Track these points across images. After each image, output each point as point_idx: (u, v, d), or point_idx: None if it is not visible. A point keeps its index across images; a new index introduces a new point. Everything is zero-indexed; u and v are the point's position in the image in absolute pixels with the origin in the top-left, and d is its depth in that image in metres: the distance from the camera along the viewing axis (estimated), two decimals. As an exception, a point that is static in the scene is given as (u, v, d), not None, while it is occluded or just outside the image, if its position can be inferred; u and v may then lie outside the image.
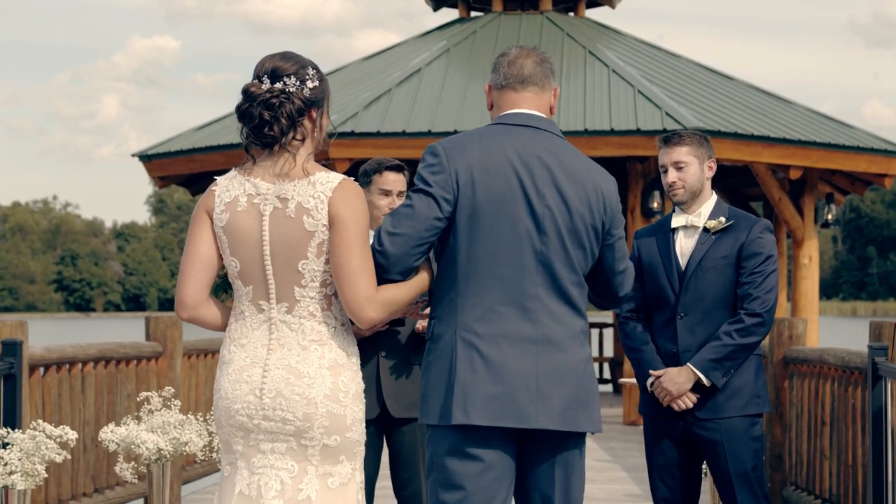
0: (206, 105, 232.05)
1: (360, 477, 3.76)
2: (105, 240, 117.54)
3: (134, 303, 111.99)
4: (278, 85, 3.70)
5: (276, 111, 3.69)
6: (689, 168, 5.03)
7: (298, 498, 3.65)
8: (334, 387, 3.66)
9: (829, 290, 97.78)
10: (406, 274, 3.77)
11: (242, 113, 3.73)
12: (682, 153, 5.03)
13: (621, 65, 15.87)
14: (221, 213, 3.74)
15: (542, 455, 3.82)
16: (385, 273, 3.74)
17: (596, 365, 19.01)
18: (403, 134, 14.08)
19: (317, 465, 3.67)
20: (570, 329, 3.81)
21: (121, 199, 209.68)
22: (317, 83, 3.76)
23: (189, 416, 6.45)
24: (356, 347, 3.79)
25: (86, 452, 7.42)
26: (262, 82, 3.72)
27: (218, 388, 3.78)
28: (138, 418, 6.41)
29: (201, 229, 3.79)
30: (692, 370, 4.88)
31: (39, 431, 5.61)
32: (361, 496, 3.77)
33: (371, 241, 3.75)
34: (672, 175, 5.03)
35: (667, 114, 14.12)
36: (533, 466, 3.84)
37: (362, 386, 3.76)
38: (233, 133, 15.49)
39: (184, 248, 3.82)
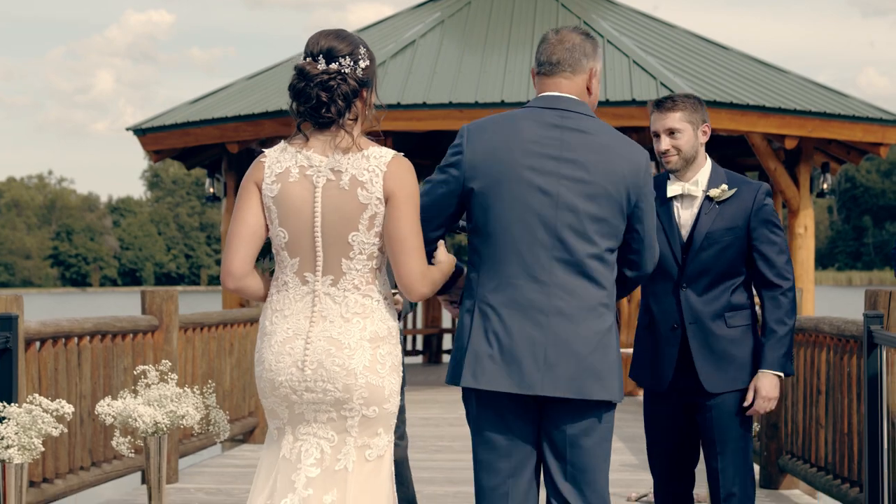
0: (201, 79, 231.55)
1: (391, 449, 3.87)
2: (100, 215, 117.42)
3: (130, 277, 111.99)
4: (334, 66, 3.77)
5: (332, 92, 3.76)
6: (683, 135, 4.85)
7: (335, 468, 3.77)
8: (373, 358, 3.76)
9: (824, 259, 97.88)
10: (430, 246, 3.93)
11: (299, 92, 3.78)
12: (674, 119, 4.84)
13: (616, 35, 15.83)
14: (272, 184, 3.79)
15: (559, 424, 3.95)
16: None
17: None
18: (398, 106, 14.04)
19: (356, 436, 3.77)
20: (584, 301, 3.91)
21: (116, 173, 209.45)
22: (368, 63, 3.85)
23: (186, 389, 6.45)
24: (396, 322, 3.89)
25: (82, 426, 7.43)
26: (317, 62, 3.78)
27: (261, 360, 3.86)
28: (135, 392, 6.42)
29: (250, 200, 3.83)
30: (774, 375, 4.76)
31: (36, 405, 5.62)
32: (392, 467, 3.89)
33: None
34: (665, 142, 4.84)
35: (662, 84, 14.09)
36: (551, 435, 3.97)
37: (400, 359, 3.87)
38: (227, 106, 15.46)
39: (231, 220, 3.87)
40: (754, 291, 4.92)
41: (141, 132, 16.08)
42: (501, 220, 3.90)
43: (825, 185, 16.65)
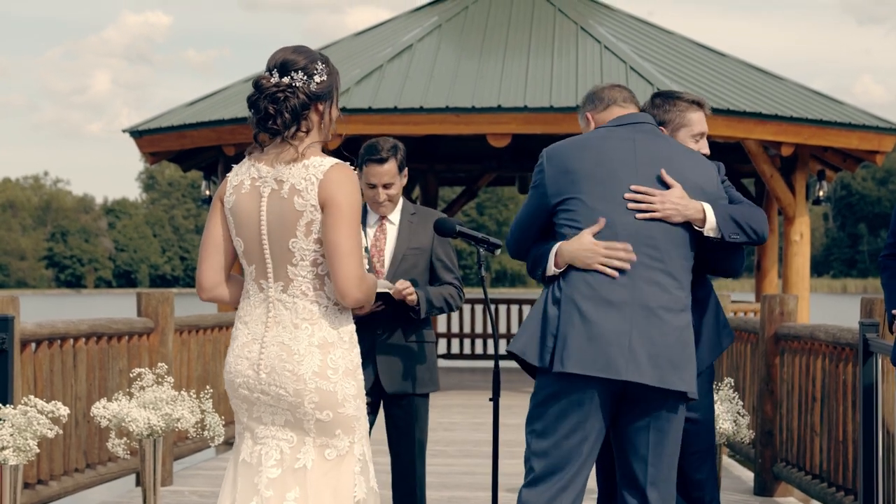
0: (197, 81, 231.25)
1: (359, 450, 3.92)
2: (96, 216, 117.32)
3: (125, 279, 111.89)
4: (286, 79, 3.88)
5: (280, 105, 3.87)
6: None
7: (295, 466, 3.84)
8: (323, 364, 3.83)
9: (819, 267, 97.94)
10: (523, 257, 4.40)
11: (251, 104, 3.92)
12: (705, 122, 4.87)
13: (613, 41, 15.84)
14: (230, 196, 3.97)
15: (637, 414, 4.18)
16: (515, 258, 4.47)
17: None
18: (395, 110, 14.05)
19: (314, 437, 3.85)
20: (667, 300, 4.16)
21: (112, 175, 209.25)
22: (325, 77, 3.93)
23: (181, 392, 6.45)
24: (350, 326, 3.94)
25: (78, 428, 7.42)
26: (272, 75, 3.90)
27: (226, 363, 4.04)
28: (130, 394, 6.41)
29: (214, 215, 4.03)
30: (705, 209, 4.46)
31: (31, 407, 5.61)
32: (361, 468, 3.92)
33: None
34: (705, 147, 4.87)
35: (658, 90, 14.10)
36: (628, 425, 4.20)
37: (356, 363, 3.91)
38: (223, 109, 15.45)
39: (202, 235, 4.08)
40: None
41: (137, 134, 16.07)
42: (593, 221, 4.20)
43: (821, 193, 16.67)
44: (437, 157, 20.05)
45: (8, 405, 5.87)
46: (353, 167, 3.91)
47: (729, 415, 6.10)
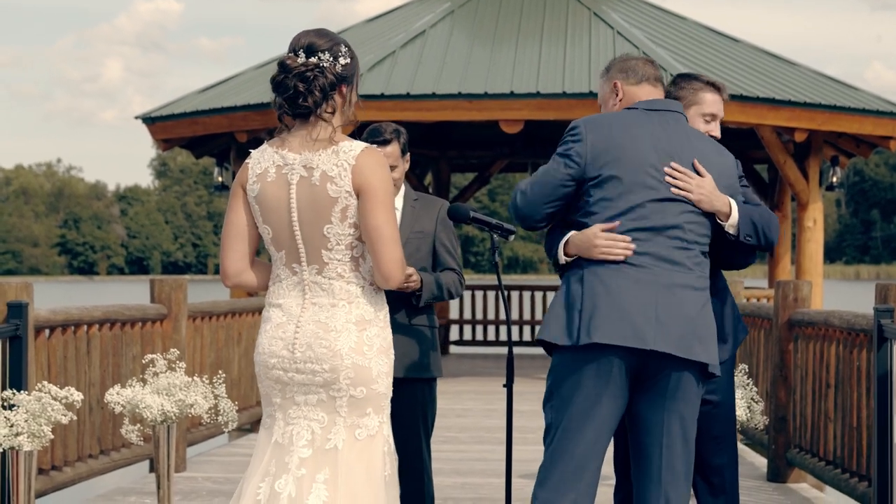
0: (209, 69, 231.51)
1: (387, 430, 4.00)
2: (108, 203, 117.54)
3: (137, 266, 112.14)
4: (313, 59, 3.91)
5: (310, 84, 3.90)
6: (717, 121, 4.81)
7: (326, 447, 3.90)
8: (359, 340, 3.91)
9: (832, 253, 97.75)
10: (536, 225, 4.32)
11: (278, 84, 3.94)
12: (719, 104, 4.79)
13: (626, 27, 15.79)
14: (254, 185, 3.99)
15: (655, 392, 4.18)
16: (521, 223, 4.34)
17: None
18: (408, 96, 14.03)
19: (345, 416, 3.91)
20: (689, 279, 4.20)
21: (124, 162, 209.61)
22: (348, 60, 3.98)
23: (194, 378, 6.45)
24: (385, 305, 4.04)
25: (91, 414, 7.44)
26: (297, 56, 3.93)
27: (258, 345, 4.06)
28: (143, 380, 6.42)
29: (236, 202, 4.06)
30: (731, 203, 4.50)
31: (45, 393, 5.62)
32: (387, 448, 4.00)
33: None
34: (716, 130, 4.81)
35: (672, 76, 14.06)
36: (643, 403, 4.20)
37: (389, 342, 4.01)
38: (236, 96, 15.45)
39: (224, 222, 4.11)
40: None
41: (150, 121, 16.08)
42: (619, 205, 4.20)
43: (834, 179, 16.62)
44: (450, 144, 20.03)
45: (22, 391, 5.88)
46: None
47: (743, 401, 6.09)
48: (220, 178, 16.86)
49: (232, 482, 8.21)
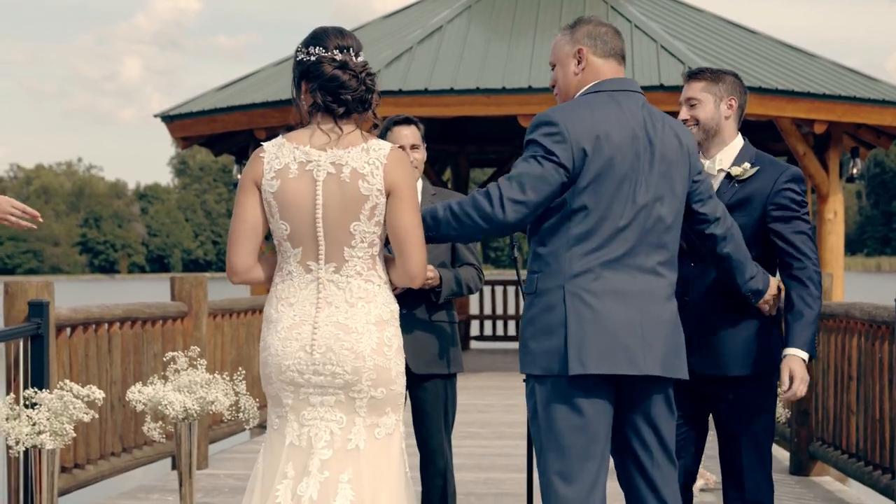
0: (228, 66, 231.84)
1: (402, 428, 3.99)
2: (128, 201, 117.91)
3: (158, 264, 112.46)
4: (361, 59, 3.94)
5: (373, 81, 3.94)
6: (702, 106, 4.66)
7: (347, 447, 3.87)
8: (380, 341, 3.89)
9: (853, 245, 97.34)
10: (508, 232, 4.03)
11: (341, 83, 3.89)
12: (695, 89, 4.68)
13: (644, 20, 15.75)
14: (272, 180, 3.91)
15: (641, 398, 4.01)
16: (488, 232, 3.99)
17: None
18: (425, 92, 14.02)
19: (364, 416, 3.90)
20: (664, 283, 4.02)
21: (143, 161, 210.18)
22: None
23: (215, 375, 6.47)
24: (397, 305, 4.01)
25: (113, 412, 7.46)
26: (349, 54, 3.92)
27: (266, 346, 3.97)
28: (165, 378, 6.44)
29: (247, 198, 3.96)
30: (803, 358, 4.53)
31: (67, 391, 5.64)
32: (403, 445, 3.99)
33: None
34: (683, 113, 4.69)
35: (690, 69, 14.01)
36: (632, 409, 4.03)
37: (402, 341, 3.99)
38: (254, 93, 15.47)
39: (232, 217, 4.02)
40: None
41: (169, 119, 16.11)
42: (601, 205, 3.95)
43: (855, 171, 16.55)
44: (468, 139, 20.02)
45: (44, 390, 5.91)
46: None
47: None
48: (238, 176, 16.88)
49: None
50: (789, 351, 4.54)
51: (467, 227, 3.98)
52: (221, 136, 16.63)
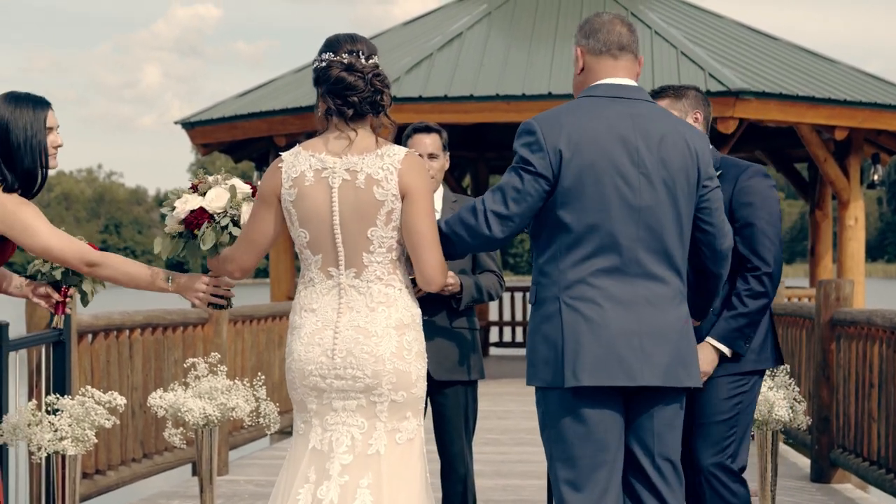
0: (247, 73, 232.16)
1: (423, 433, 4.00)
2: (148, 208, 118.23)
3: (178, 270, 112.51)
4: (372, 62, 3.96)
5: (382, 84, 3.95)
6: None
7: (368, 452, 3.90)
8: (399, 345, 3.92)
9: (874, 251, 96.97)
10: (498, 247, 4.02)
11: (348, 85, 3.92)
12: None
13: (664, 26, 15.74)
14: (290, 189, 3.96)
15: (645, 409, 3.95)
16: (479, 249, 4.01)
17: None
18: (445, 98, 14.04)
19: (385, 421, 3.92)
20: (670, 289, 3.93)
21: (163, 167, 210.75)
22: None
23: (236, 381, 6.48)
24: (419, 309, 4.03)
25: (134, 418, 7.49)
26: (359, 57, 3.94)
27: (290, 352, 4.02)
28: (185, 384, 6.45)
29: (259, 209, 4.05)
30: (714, 346, 4.56)
31: (88, 397, 5.66)
32: (424, 451, 4.00)
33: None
34: None
35: (710, 75, 14.01)
36: (635, 420, 3.97)
37: (424, 345, 4.01)
38: (274, 100, 15.51)
39: (248, 219, 4.11)
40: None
41: (189, 126, 16.17)
42: (587, 214, 3.87)
43: (875, 177, 16.51)
44: (488, 145, 20.03)
45: (66, 396, 5.93)
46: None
47: (785, 401, 6.04)
48: (258, 182, 16.93)
49: (273, 485, 8.22)
50: (707, 338, 4.56)
51: (458, 244, 3.99)
52: (241, 142, 16.69)
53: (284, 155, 4.02)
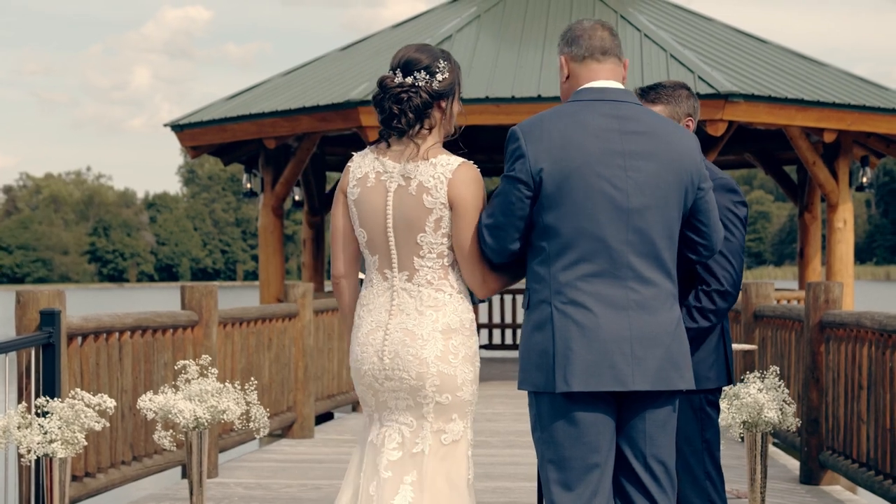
0: (237, 75, 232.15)
1: (471, 434, 4.10)
2: (137, 210, 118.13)
3: (167, 273, 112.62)
4: (409, 79, 4.03)
5: (403, 105, 4.02)
6: None
7: (413, 451, 4.04)
8: (445, 349, 4.02)
9: (862, 254, 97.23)
10: (512, 256, 3.99)
11: (376, 103, 4.08)
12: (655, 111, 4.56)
13: (653, 29, 15.77)
14: (353, 188, 4.11)
15: (637, 411, 3.96)
16: (494, 260, 4.01)
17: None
18: (435, 101, 14.02)
19: (432, 421, 4.04)
20: (660, 291, 3.94)
21: (152, 170, 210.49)
22: (447, 75, 4.07)
23: (226, 384, 6.48)
24: (471, 314, 4.11)
25: (124, 421, 7.48)
26: (395, 75, 4.06)
27: (351, 351, 4.21)
28: (175, 387, 6.45)
29: (337, 208, 4.19)
30: None
31: (78, 400, 5.65)
32: (469, 453, 4.11)
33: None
34: None
35: (700, 78, 14.03)
36: (627, 422, 3.98)
37: (475, 350, 4.10)
38: (264, 102, 15.50)
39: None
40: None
41: (178, 128, 16.14)
42: (575, 218, 3.88)
43: (864, 179, 16.53)
44: (477, 148, 20.03)
45: (55, 398, 5.92)
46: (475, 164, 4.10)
47: (775, 403, 6.06)
48: (248, 185, 16.90)
49: (263, 488, 8.23)
50: None
51: (489, 260, 4.06)
52: (231, 145, 16.66)
53: (355, 155, 4.18)
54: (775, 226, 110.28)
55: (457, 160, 4.03)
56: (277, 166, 15.79)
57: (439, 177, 3.99)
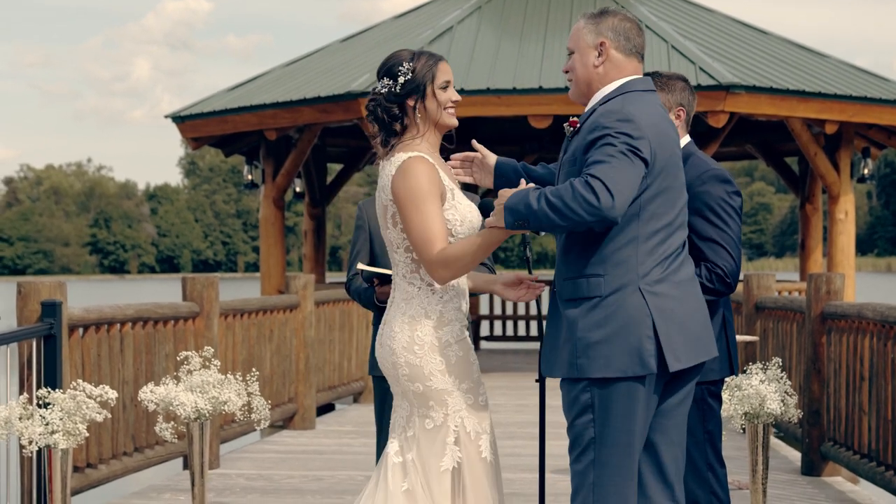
0: (238, 67, 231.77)
1: (455, 421, 4.13)
2: (138, 202, 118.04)
3: (168, 264, 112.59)
4: (376, 88, 4.18)
5: (371, 114, 4.20)
6: None
7: (407, 435, 4.19)
8: (410, 339, 4.13)
9: (864, 245, 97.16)
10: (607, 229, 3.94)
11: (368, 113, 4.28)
12: None
13: (655, 20, 15.74)
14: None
15: (673, 391, 4.06)
16: (591, 227, 3.82)
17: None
18: (436, 92, 14.01)
19: (417, 407, 4.16)
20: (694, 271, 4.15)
21: (153, 161, 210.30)
22: (409, 76, 4.13)
23: (228, 375, 6.48)
24: (445, 306, 4.15)
25: (125, 412, 7.48)
26: (377, 83, 4.24)
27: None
28: (177, 378, 6.45)
29: None
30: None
31: (80, 391, 5.66)
32: (456, 439, 4.13)
33: None
34: None
35: (701, 69, 14.01)
36: (664, 404, 4.05)
37: (444, 340, 4.12)
38: (265, 94, 15.49)
39: None
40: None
41: (179, 119, 16.13)
42: (663, 201, 4.00)
43: (865, 171, 16.53)
44: (479, 139, 19.89)
45: (57, 390, 5.92)
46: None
47: (776, 394, 6.06)
48: (249, 176, 16.89)
49: (264, 479, 8.24)
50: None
51: (569, 219, 3.79)
52: (232, 136, 16.65)
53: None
54: (776, 217, 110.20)
55: (405, 156, 4.10)
56: (278, 157, 15.78)
57: (388, 175, 4.13)
